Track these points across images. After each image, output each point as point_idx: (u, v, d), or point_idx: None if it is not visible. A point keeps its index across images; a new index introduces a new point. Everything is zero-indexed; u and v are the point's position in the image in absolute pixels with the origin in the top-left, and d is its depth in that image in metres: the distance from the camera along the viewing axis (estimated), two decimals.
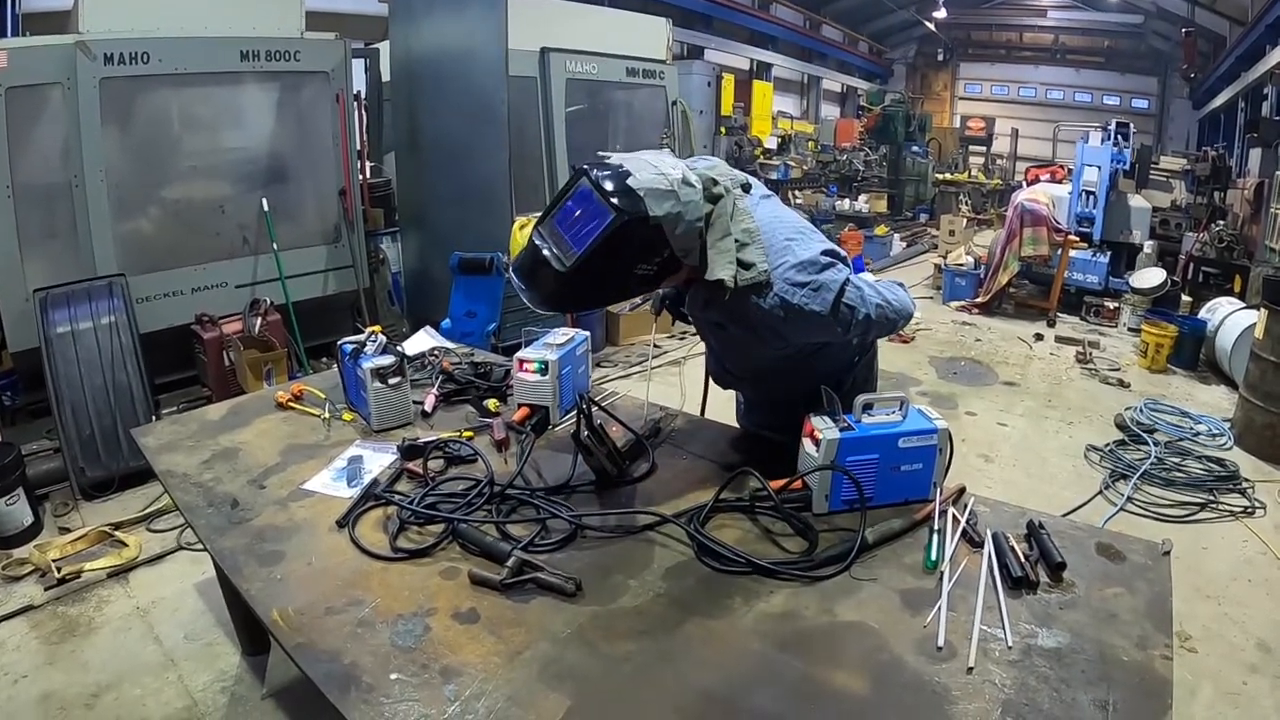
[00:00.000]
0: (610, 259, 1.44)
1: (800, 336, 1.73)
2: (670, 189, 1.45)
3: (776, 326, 1.66)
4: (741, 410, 2.41)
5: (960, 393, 5.63)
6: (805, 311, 1.61)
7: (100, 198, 4.22)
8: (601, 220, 1.40)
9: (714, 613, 1.42)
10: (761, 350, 1.82)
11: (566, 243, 1.43)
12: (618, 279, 1.50)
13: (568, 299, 1.57)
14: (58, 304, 3.90)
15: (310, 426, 2.26)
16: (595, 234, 1.40)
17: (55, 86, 4.03)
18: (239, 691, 2.54)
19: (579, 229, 1.42)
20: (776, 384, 2.02)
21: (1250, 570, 3.40)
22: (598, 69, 7.29)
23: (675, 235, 1.46)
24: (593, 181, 1.44)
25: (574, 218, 1.44)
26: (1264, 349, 4.59)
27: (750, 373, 2.04)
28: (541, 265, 1.47)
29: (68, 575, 3.05)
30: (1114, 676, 1.26)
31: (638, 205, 1.41)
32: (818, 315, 1.62)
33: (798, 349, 1.82)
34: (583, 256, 1.41)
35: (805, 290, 1.61)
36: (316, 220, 5.27)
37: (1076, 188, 7.81)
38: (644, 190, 1.42)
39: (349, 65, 5.17)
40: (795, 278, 1.61)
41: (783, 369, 1.91)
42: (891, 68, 24.42)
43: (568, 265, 1.42)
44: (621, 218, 1.39)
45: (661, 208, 1.43)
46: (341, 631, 1.37)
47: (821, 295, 1.62)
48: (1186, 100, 19.09)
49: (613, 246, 1.42)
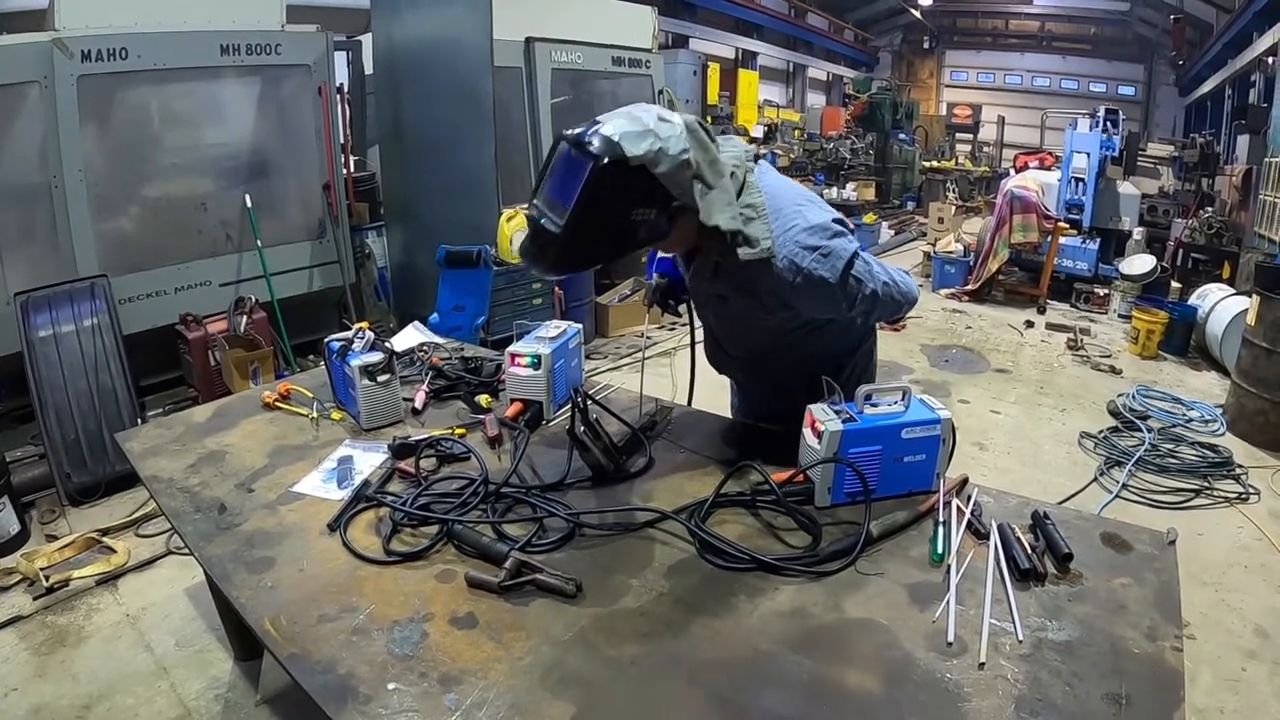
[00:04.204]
0: (604, 208, 1.43)
1: (806, 305, 1.71)
2: (646, 129, 1.44)
3: (783, 293, 1.64)
4: (735, 401, 2.38)
5: (952, 381, 5.63)
6: (814, 278, 1.60)
7: (80, 198, 4.14)
8: (582, 170, 1.39)
9: (719, 612, 1.39)
10: (763, 324, 1.80)
11: (558, 205, 1.43)
12: (618, 229, 1.47)
13: (576, 259, 1.53)
14: (39, 307, 3.83)
15: (298, 427, 2.21)
16: (580, 186, 1.39)
17: (32, 85, 3.94)
18: (233, 699, 2.50)
19: (566, 188, 1.41)
20: (774, 367, 2.00)
21: (1246, 556, 3.41)
22: (583, 58, 7.23)
23: (661, 174, 1.44)
24: (569, 141, 1.44)
25: (559, 180, 1.44)
26: (1256, 335, 4.60)
27: (748, 353, 2.00)
28: (540, 235, 1.46)
29: (56, 584, 2.99)
30: (1126, 669, 1.24)
31: (614, 149, 1.39)
32: (825, 283, 1.60)
33: (799, 326, 1.81)
34: (575, 211, 1.39)
35: (815, 255, 1.59)
36: (301, 216, 5.21)
37: (1065, 174, 7.83)
38: (619, 135, 1.41)
39: (331, 58, 5.11)
40: (806, 240, 1.60)
41: (781, 349, 1.89)
42: (877, 56, 24.43)
43: (562, 224, 1.41)
44: (599, 162, 1.38)
45: (639, 147, 1.41)
46: (336, 640, 1.33)
47: (831, 262, 1.60)
48: (1173, 87, 19.19)
49: (601, 195, 1.40)
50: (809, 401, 1.73)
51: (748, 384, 2.26)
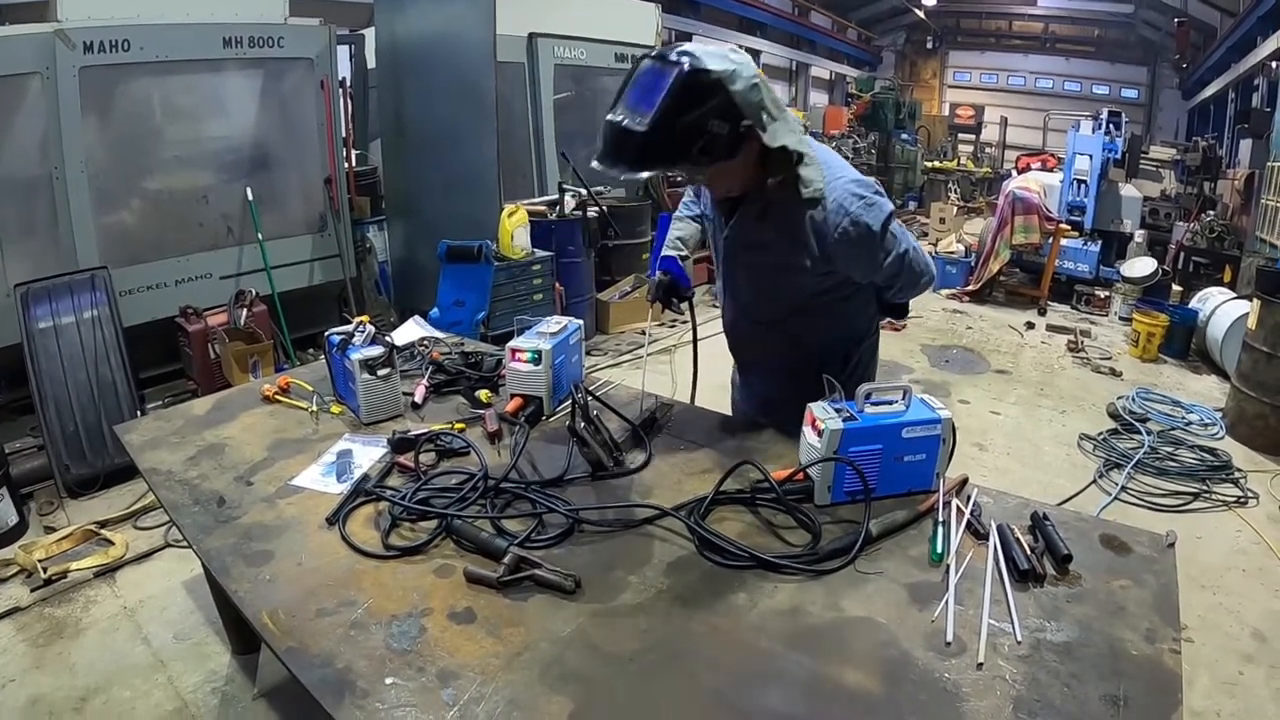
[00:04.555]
0: (684, 113, 1.54)
1: (845, 257, 1.79)
2: (723, 54, 1.59)
3: (826, 240, 1.75)
4: (737, 392, 2.38)
5: (953, 381, 5.63)
6: (859, 223, 1.72)
7: (81, 189, 4.14)
8: (667, 76, 1.52)
9: (719, 609, 1.39)
10: (795, 284, 1.88)
11: (640, 108, 1.53)
12: (694, 136, 1.56)
13: (654, 157, 1.61)
14: (39, 299, 3.82)
15: (298, 420, 2.21)
16: (665, 88, 1.51)
17: (34, 76, 3.94)
18: (230, 692, 2.50)
19: (649, 95, 1.53)
20: (794, 334, 2.03)
21: (1244, 560, 3.41)
22: (586, 55, 7.22)
23: (736, 92, 1.55)
24: (653, 58, 1.61)
25: (642, 89, 1.56)
26: (1256, 339, 4.59)
27: (770, 318, 2.04)
28: (621, 134, 1.55)
29: (54, 576, 3.00)
30: (1124, 671, 1.24)
31: (696, 61, 1.54)
32: (868, 230, 1.73)
33: (828, 290, 1.90)
34: (659, 111, 1.51)
35: (862, 203, 1.73)
36: (302, 209, 5.21)
37: (1068, 176, 7.81)
38: (699, 53, 1.57)
39: (334, 52, 5.10)
40: (854, 190, 1.74)
41: (805, 314, 1.96)
42: (881, 55, 24.36)
43: (646, 123, 1.51)
44: (682, 69, 1.52)
45: (717, 64, 1.55)
46: (334, 634, 1.33)
47: (874, 212, 1.74)
48: (1176, 90, 19.13)
49: (682, 101, 1.52)
50: (814, 390, 1.80)
51: (759, 366, 2.25)
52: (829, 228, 1.73)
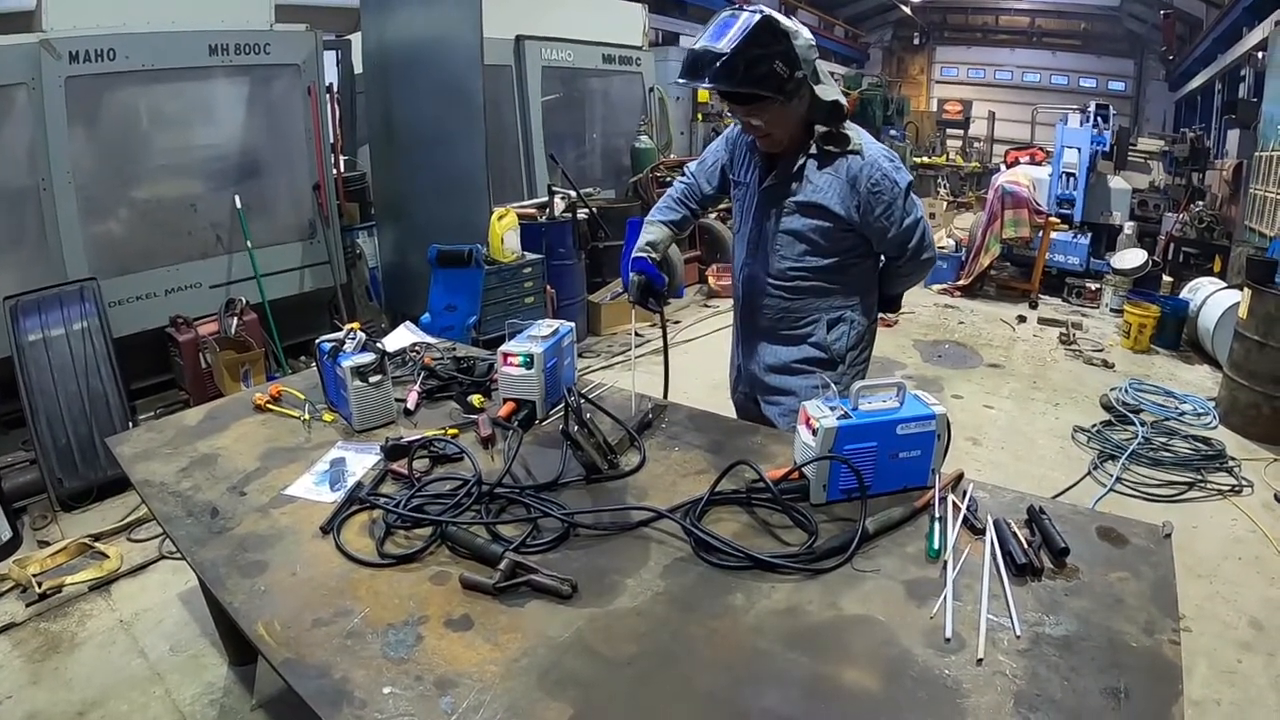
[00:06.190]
0: (757, 48, 1.81)
1: (874, 205, 2.02)
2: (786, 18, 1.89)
3: (860, 185, 2.00)
4: (737, 372, 2.42)
5: (946, 376, 5.63)
6: (890, 178, 2.00)
7: (69, 200, 4.11)
8: (745, 20, 1.81)
9: (716, 611, 1.38)
10: (817, 240, 2.10)
11: (720, 40, 1.81)
12: (762, 65, 1.83)
13: (729, 76, 1.84)
14: (28, 311, 3.79)
15: (290, 429, 2.19)
16: (746, 25, 1.80)
17: (20, 87, 3.91)
18: (228, 703, 2.49)
19: (727, 30, 1.82)
20: (804, 294, 2.17)
21: (1240, 549, 3.42)
22: (574, 56, 7.22)
23: (798, 46, 1.86)
24: (732, 10, 1.88)
25: (720, 28, 1.83)
26: (1247, 328, 4.61)
27: (785, 278, 2.18)
28: (704, 54, 1.82)
29: (49, 590, 2.97)
30: (1124, 663, 1.24)
31: (768, 13, 1.83)
32: (896, 187, 2.01)
33: (847, 250, 2.12)
34: (738, 41, 1.79)
35: (892, 164, 2.04)
36: (291, 216, 5.17)
37: (1057, 170, 7.84)
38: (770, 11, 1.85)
39: (321, 57, 5.08)
40: (886, 153, 2.06)
41: (820, 274, 2.14)
42: (868, 52, 24.40)
43: (726, 47, 1.79)
44: (762, 13, 1.83)
45: (786, 21, 1.87)
46: (330, 644, 1.32)
47: (902, 174, 2.03)
48: (1162, 82, 19.24)
49: (756, 38, 1.80)
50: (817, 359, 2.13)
51: (766, 328, 2.28)
52: (863, 178, 2.00)
